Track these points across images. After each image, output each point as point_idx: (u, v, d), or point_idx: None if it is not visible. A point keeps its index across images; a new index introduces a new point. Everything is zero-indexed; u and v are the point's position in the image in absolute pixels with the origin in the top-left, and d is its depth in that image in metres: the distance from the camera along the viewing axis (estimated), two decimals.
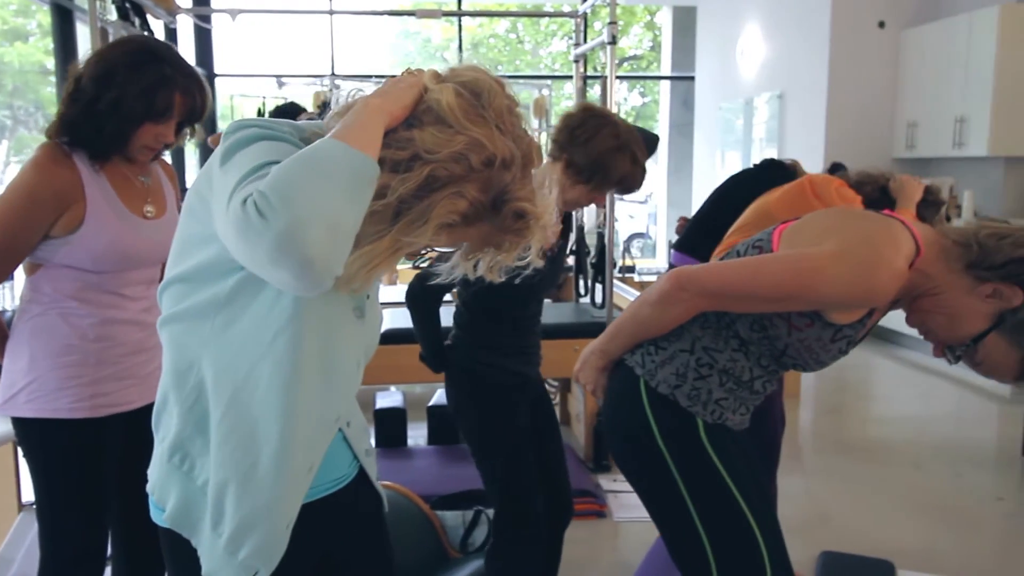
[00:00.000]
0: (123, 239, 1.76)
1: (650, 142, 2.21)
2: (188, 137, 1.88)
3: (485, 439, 2.10)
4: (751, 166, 2.82)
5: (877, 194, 2.47)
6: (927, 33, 6.33)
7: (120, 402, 1.82)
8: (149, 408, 1.88)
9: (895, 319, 6.03)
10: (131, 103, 1.67)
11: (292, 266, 0.85)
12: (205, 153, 6.81)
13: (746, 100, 8.20)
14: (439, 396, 4.08)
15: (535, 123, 8.83)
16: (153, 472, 1.13)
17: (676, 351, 1.48)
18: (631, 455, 1.52)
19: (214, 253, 1.00)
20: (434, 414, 3.92)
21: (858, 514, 3.31)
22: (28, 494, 1.91)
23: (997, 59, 5.54)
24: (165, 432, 1.11)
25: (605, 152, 2.00)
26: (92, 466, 1.81)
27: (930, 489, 3.59)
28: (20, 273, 1.84)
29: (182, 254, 1.05)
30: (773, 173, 2.57)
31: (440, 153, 0.95)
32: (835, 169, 2.62)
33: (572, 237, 4.12)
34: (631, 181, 2.07)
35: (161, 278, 1.23)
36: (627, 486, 3.50)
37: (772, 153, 7.50)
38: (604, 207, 2.09)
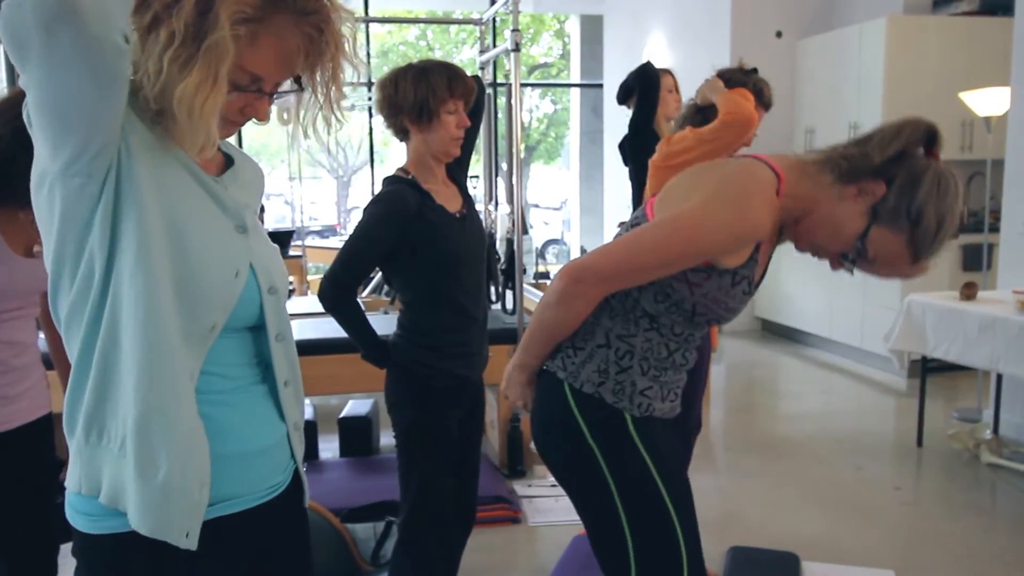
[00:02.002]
0: (5, 280, 1.73)
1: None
2: None
3: (413, 439, 2.08)
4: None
5: (699, 118, 2.61)
6: (821, 43, 6.58)
7: None
8: (23, 429, 1.81)
9: (802, 319, 6.15)
10: (8, 141, 1.63)
11: (58, 16, 0.83)
12: None
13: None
14: (350, 407, 4.02)
15: None
16: (75, 467, 1.05)
17: (593, 348, 1.49)
18: (562, 457, 1.53)
19: (60, 206, 0.97)
20: (345, 426, 3.86)
21: (765, 509, 3.39)
22: None
23: (886, 67, 5.80)
24: (78, 423, 1.04)
25: (416, 82, 2.00)
26: None
27: (832, 482, 3.71)
28: None
29: (47, 246, 1.02)
30: None
31: None
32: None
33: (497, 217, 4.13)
34: (458, 82, 2.04)
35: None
36: (542, 491, 3.51)
37: None
38: (469, 123, 2.09)
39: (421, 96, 2.00)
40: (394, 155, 16.61)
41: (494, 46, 4.38)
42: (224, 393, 1.12)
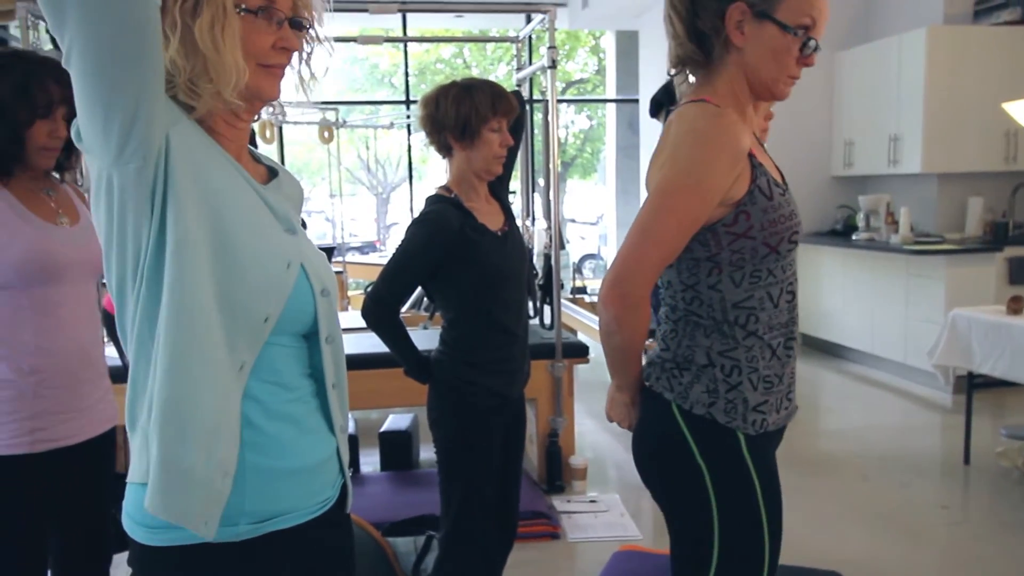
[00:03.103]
0: (40, 245, 1.73)
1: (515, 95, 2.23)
2: None
3: (455, 455, 2.10)
4: None
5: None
6: (860, 55, 6.53)
7: (61, 436, 1.78)
8: (89, 443, 1.86)
9: (843, 333, 6.09)
10: (11, 103, 1.68)
11: None
12: None
13: None
14: (391, 422, 4.05)
15: None
16: (141, 461, 1.07)
17: (698, 369, 1.46)
18: (667, 477, 1.50)
19: (118, 200, 1.01)
20: (386, 440, 3.89)
21: (807, 526, 3.35)
22: None
23: (927, 78, 5.74)
24: (143, 416, 1.07)
25: (459, 100, 2.04)
26: (30, 504, 1.76)
27: (877, 500, 3.65)
28: None
29: (108, 252, 1.05)
30: None
31: None
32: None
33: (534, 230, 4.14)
34: (501, 101, 2.08)
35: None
36: (581, 507, 3.51)
37: None
38: (511, 143, 2.12)
39: (464, 114, 2.04)
40: (432, 172, 16.75)
41: (530, 63, 4.41)
42: (281, 405, 1.13)
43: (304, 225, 1.64)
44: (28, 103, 1.69)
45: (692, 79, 1.53)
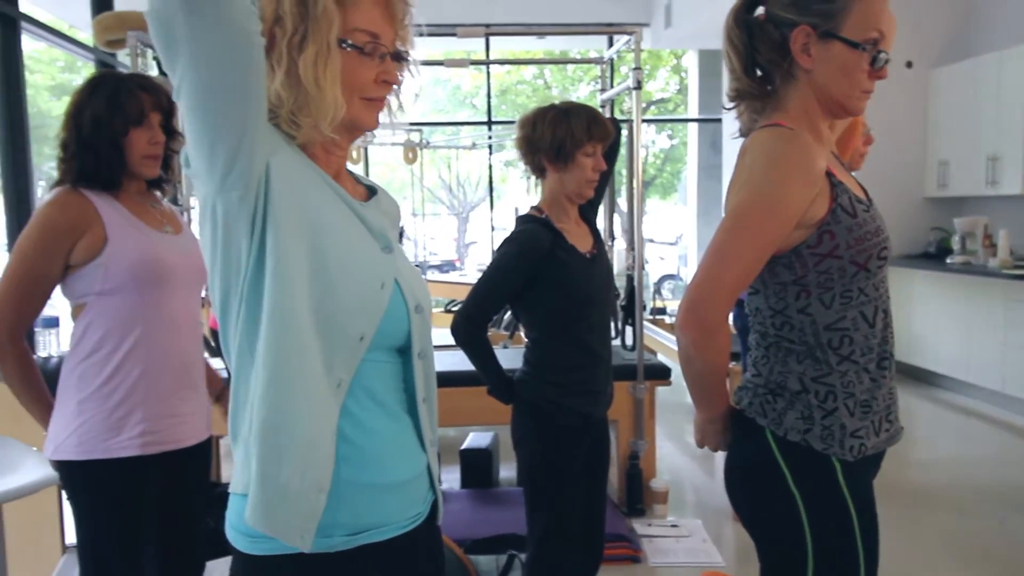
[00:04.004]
0: (152, 249, 1.82)
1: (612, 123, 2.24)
2: (181, 143, 1.98)
3: (539, 476, 2.11)
4: None
5: None
6: (956, 72, 6.33)
7: (169, 440, 1.85)
8: (195, 448, 1.94)
9: (935, 360, 5.89)
10: (108, 116, 1.79)
11: None
12: None
13: None
14: (472, 440, 4.09)
15: None
16: (244, 473, 1.10)
17: (792, 395, 1.43)
18: (759, 505, 1.47)
19: (222, 224, 1.05)
20: (467, 457, 3.92)
21: (899, 561, 3.23)
22: (71, 536, 1.93)
23: None
24: (245, 427, 1.10)
25: (555, 122, 2.08)
26: (136, 506, 1.83)
27: (973, 535, 3.50)
28: (66, 318, 1.90)
29: (212, 271, 1.10)
30: None
31: None
32: None
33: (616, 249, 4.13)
34: (598, 126, 2.10)
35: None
36: (663, 531, 3.47)
37: None
38: (604, 167, 2.13)
39: (560, 137, 2.06)
40: (511, 191, 16.86)
41: (611, 83, 4.42)
42: (375, 420, 1.16)
43: (402, 236, 1.68)
44: (121, 112, 1.80)
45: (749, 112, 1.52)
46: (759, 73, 1.48)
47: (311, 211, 1.09)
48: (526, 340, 2.19)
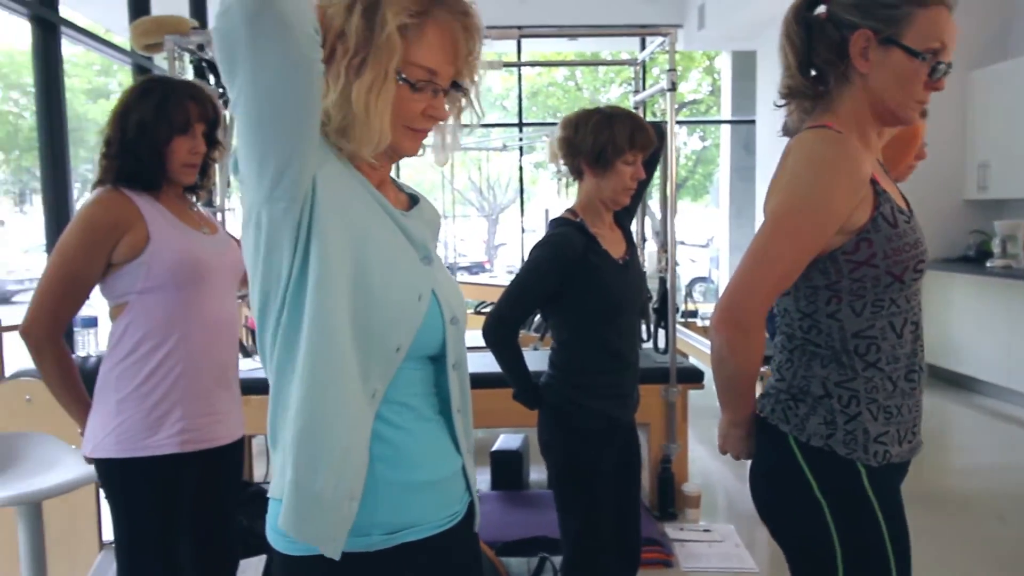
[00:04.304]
0: (192, 249, 1.85)
1: (655, 128, 2.22)
2: (223, 154, 2.00)
3: (568, 482, 2.10)
4: None
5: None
6: (996, 73, 6.22)
7: (206, 439, 1.88)
8: (230, 447, 1.95)
9: (975, 365, 5.79)
10: (153, 122, 1.81)
11: (259, 6, 0.95)
12: None
13: None
14: (502, 441, 4.08)
15: None
16: (278, 476, 1.12)
17: (814, 401, 1.42)
18: (785, 512, 1.46)
19: (266, 233, 1.06)
20: (497, 459, 3.92)
21: (939, 570, 3.17)
22: (109, 533, 1.96)
23: None
24: (284, 433, 1.11)
25: (599, 127, 2.06)
26: (172, 503, 1.85)
27: (1015, 542, 3.43)
28: (105, 318, 1.92)
29: (253, 274, 1.10)
30: None
31: None
32: None
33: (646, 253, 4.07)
34: (641, 134, 2.08)
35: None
36: (695, 535, 3.43)
37: None
38: (643, 176, 2.11)
39: (601, 143, 2.05)
40: (541, 193, 16.83)
41: (643, 84, 4.40)
42: (410, 423, 1.17)
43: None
44: (166, 121, 1.82)
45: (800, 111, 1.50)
46: (813, 73, 1.45)
47: (355, 223, 1.10)
48: (553, 343, 2.18)
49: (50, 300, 1.80)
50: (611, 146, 2.05)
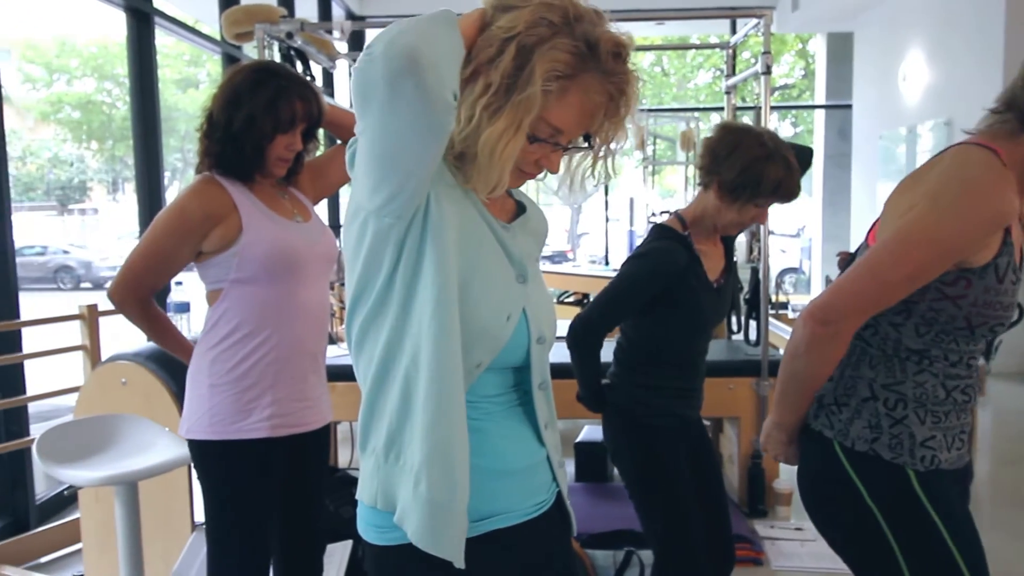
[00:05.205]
0: (284, 240, 1.85)
1: (803, 154, 2.10)
2: (316, 148, 2.00)
3: (643, 484, 2.04)
4: None
5: None
6: None
7: (295, 423, 1.90)
8: (318, 432, 1.97)
9: None
10: (261, 118, 1.80)
11: (404, 68, 0.93)
12: None
13: (909, 128, 7.78)
14: (587, 432, 4.03)
15: (682, 156, 8.71)
16: (371, 482, 1.14)
17: (859, 403, 1.38)
18: (839, 522, 1.42)
19: (370, 239, 1.07)
20: (581, 451, 3.87)
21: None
22: (201, 514, 2.00)
23: None
24: (376, 440, 1.13)
25: (752, 161, 1.92)
26: (263, 486, 1.88)
27: None
28: (198, 304, 1.96)
29: (351, 267, 1.11)
30: None
31: (519, 26, 1.04)
32: None
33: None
34: (787, 187, 1.97)
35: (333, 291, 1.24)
36: (786, 533, 3.32)
37: None
38: (766, 224, 2.02)
39: (745, 180, 1.93)
40: (624, 182, 16.65)
41: (733, 69, 4.27)
42: (489, 414, 1.18)
43: None
44: (274, 118, 1.82)
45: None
46: None
47: (460, 238, 1.10)
48: (621, 337, 2.13)
49: (132, 272, 1.86)
50: (753, 188, 1.93)
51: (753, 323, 3.83)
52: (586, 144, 1.18)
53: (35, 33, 18.29)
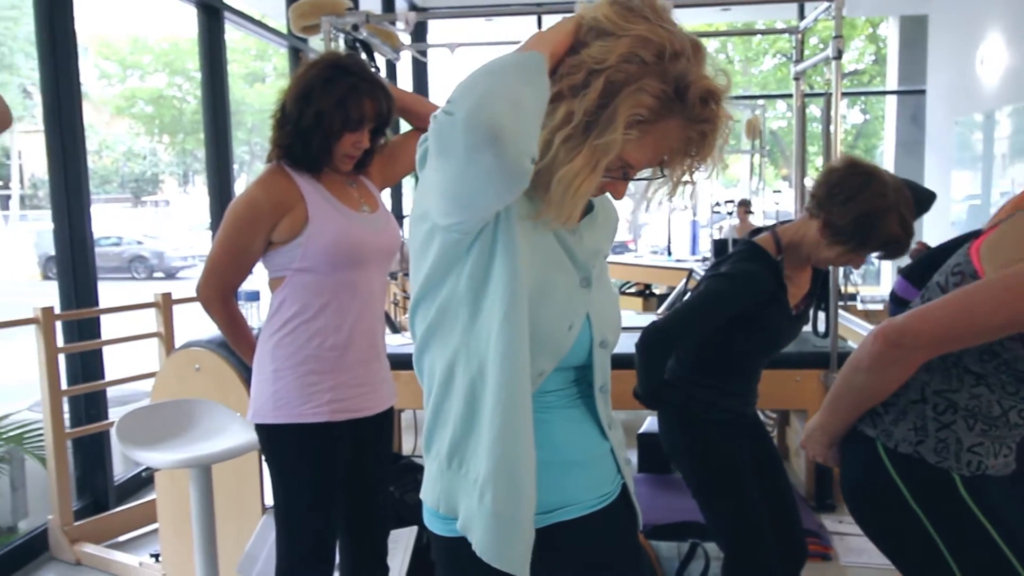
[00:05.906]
0: (350, 231, 1.87)
1: (923, 199, 2.02)
2: (383, 142, 2.01)
3: (705, 480, 2.03)
4: None
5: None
6: None
7: (356, 408, 1.93)
8: (379, 417, 1.99)
9: None
10: (330, 116, 1.81)
11: (485, 141, 0.90)
12: None
13: (986, 114, 7.50)
14: (649, 423, 4.00)
15: (747, 144, 8.55)
16: (435, 486, 1.15)
17: (907, 404, 1.35)
18: (884, 525, 1.39)
19: (438, 248, 1.06)
20: (644, 442, 3.84)
21: None
22: (270, 498, 2.05)
23: None
24: (439, 445, 1.14)
25: (869, 213, 1.81)
26: (327, 470, 1.91)
27: None
28: (265, 291, 2.00)
29: (416, 267, 1.11)
30: None
31: (610, 59, 1.00)
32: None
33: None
34: (896, 247, 1.86)
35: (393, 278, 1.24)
36: (855, 528, 3.24)
37: (1017, 172, 6.78)
38: (859, 268, 1.97)
39: (853, 231, 1.85)
40: None
41: (801, 55, 4.17)
42: (552, 409, 1.18)
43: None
44: (343, 116, 1.83)
45: None
46: None
47: (527, 249, 1.09)
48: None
49: (215, 269, 1.91)
50: (860, 240, 1.85)
51: (822, 314, 3.74)
52: (660, 174, 1.15)
53: (110, 31, 18.92)
